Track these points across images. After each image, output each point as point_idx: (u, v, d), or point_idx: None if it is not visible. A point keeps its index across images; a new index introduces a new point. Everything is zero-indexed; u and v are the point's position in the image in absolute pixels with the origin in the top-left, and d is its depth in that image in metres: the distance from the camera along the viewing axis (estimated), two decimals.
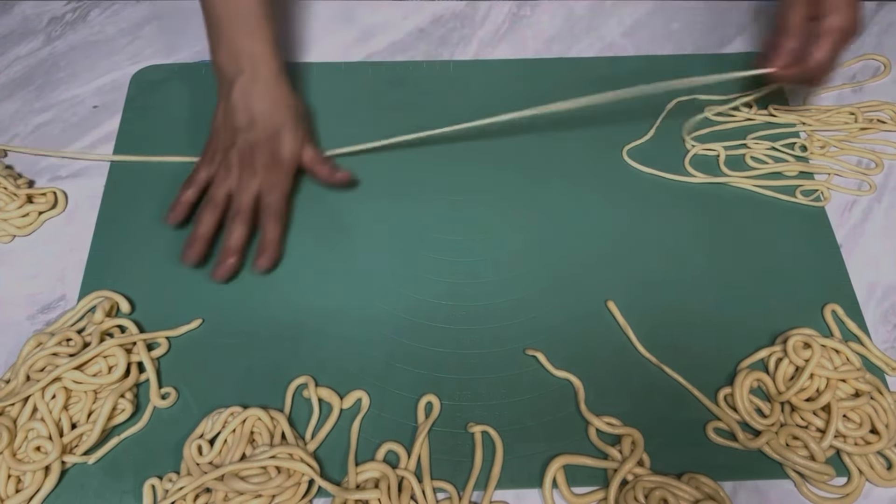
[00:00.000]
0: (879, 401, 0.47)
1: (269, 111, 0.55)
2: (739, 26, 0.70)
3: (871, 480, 0.46)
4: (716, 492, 0.45)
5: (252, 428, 0.47)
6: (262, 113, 0.54)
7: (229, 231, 0.53)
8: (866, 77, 0.66)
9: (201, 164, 0.56)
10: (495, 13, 0.71)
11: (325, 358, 0.51)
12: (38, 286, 0.54)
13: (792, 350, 0.49)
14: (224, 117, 0.55)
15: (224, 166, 0.54)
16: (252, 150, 0.54)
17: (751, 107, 0.63)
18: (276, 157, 0.55)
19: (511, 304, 0.53)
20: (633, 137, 0.61)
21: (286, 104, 0.56)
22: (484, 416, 0.49)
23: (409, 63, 0.67)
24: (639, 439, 0.47)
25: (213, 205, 0.53)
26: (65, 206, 0.58)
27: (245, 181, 0.54)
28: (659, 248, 0.56)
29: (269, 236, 0.53)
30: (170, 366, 0.50)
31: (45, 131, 0.62)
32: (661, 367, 0.50)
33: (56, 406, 0.46)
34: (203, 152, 0.56)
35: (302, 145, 0.56)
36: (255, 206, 0.54)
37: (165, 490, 0.45)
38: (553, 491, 0.46)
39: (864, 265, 0.55)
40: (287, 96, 0.56)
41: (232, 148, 0.54)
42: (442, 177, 0.59)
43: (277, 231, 0.54)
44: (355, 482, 0.45)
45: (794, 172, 0.60)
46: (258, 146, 0.54)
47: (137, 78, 0.65)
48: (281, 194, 0.55)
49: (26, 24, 0.70)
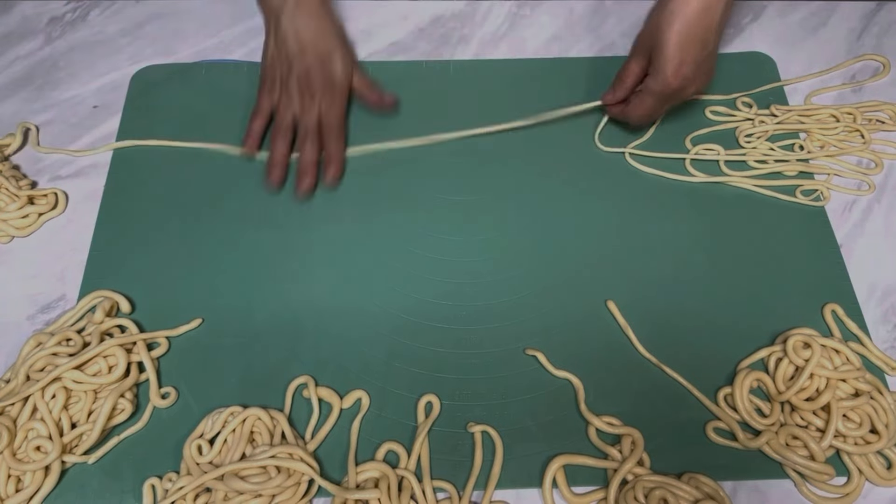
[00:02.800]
0: (879, 401, 0.47)
1: (318, 36, 0.58)
2: (739, 26, 0.70)
3: (871, 480, 0.46)
4: (716, 491, 0.45)
5: (252, 428, 0.47)
6: (312, 39, 0.58)
7: (302, 151, 0.57)
8: (866, 77, 0.66)
9: (262, 95, 0.60)
10: (495, 13, 0.71)
11: (325, 358, 0.51)
12: (38, 286, 0.54)
13: (792, 350, 0.49)
14: (276, 47, 0.59)
15: (285, 94, 0.58)
16: (308, 75, 0.58)
17: (751, 106, 0.63)
18: (331, 79, 0.59)
19: (511, 304, 0.53)
20: (633, 137, 0.61)
21: (332, 29, 0.59)
22: (484, 416, 0.49)
23: (409, 63, 0.67)
24: (639, 439, 0.47)
25: (284, 130, 0.58)
26: (65, 206, 0.58)
27: (307, 105, 0.58)
28: (659, 248, 0.56)
29: (333, 153, 0.58)
30: (170, 366, 0.51)
31: (45, 131, 0.62)
32: (661, 367, 0.50)
33: (56, 406, 0.46)
34: (261, 84, 0.60)
35: (352, 68, 0.61)
36: (319, 126, 0.58)
37: (165, 490, 0.45)
38: (553, 491, 0.46)
39: (864, 265, 0.55)
40: (332, 21, 0.60)
41: (289, 76, 0.58)
42: (442, 177, 0.59)
43: (341, 146, 0.59)
44: (355, 482, 0.45)
45: (794, 172, 0.60)
46: (313, 70, 0.58)
47: (137, 78, 0.65)
48: (339, 113, 0.59)
49: (26, 24, 0.70)
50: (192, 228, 0.57)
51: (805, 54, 0.67)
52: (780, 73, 0.66)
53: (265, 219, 0.57)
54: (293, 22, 0.57)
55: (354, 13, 0.71)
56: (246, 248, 0.56)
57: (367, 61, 0.67)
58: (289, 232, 0.57)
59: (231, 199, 0.58)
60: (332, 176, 0.58)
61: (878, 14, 0.70)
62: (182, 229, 0.57)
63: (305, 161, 0.57)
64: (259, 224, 0.57)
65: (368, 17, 0.70)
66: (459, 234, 0.57)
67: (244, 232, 0.56)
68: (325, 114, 0.58)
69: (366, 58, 0.67)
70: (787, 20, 0.70)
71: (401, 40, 0.69)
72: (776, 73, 0.66)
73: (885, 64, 0.66)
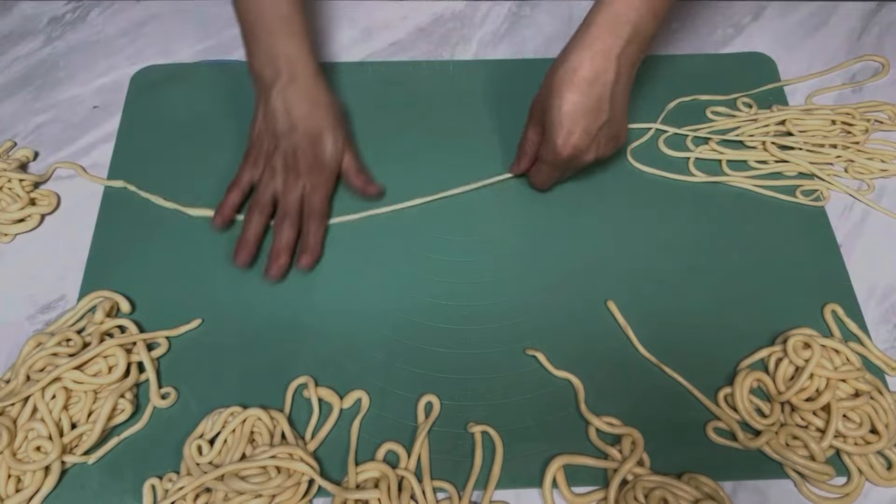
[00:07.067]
0: (879, 401, 0.47)
1: (309, 114, 0.55)
2: (739, 26, 0.70)
3: (871, 480, 0.46)
4: (715, 491, 0.45)
5: (252, 428, 0.47)
6: (303, 116, 0.55)
7: (279, 232, 0.54)
8: (866, 77, 0.66)
9: (244, 168, 0.56)
10: (495, 13, 0.71)
11: (325, 358, 0.51)
12: (38, 286, 0.54)
13: (792, 350, 0.49)
14: (265, 122, 0.56)
15: (269, 170, 0.55)
16: (295, 154, 0.55)
17: (751, 106, 0.63)
18: (318, 159, 0.56)
19: (511, 304, 0.53)
20: (633, 137, 0.61)
21: (325, 105, 0.56)
22: (484, 416, 0.49)
23: (409, 63, 0.67)
24: (639, 439, 0.47)
25: (261, 207, 0.55)
26: (63, 206, 0.58)
27: (290, 184, 0.55)
28: (659, 248, 0.56)
29: (312, 237, 0.55)
30: (170, 366, 0.50)
31: (45, 131, 0.62)
32: (661, 367, 0.50)
33: (56, 406, 0.46)
34: (245, 157, 0.57)
35: (343, 148, 0.57)
36: (300, 207, 0.55)
37: (165, 490, 0.45)
38: (553, 491, 0.46)
39: (864, 265, 0.55)
40: (325, 97, 0.57)
41: (275, 152, 0.55)
42: (442, 176, 0.59)
43: (320, 232, 0.55)
44: (355, 482, 0.45)
45: (794, 172, 0.60)
46: (301, 150, 0.55)
47: (137, 78, 0.65)
48: (324, 196, 0.56)
49: (26, 24, 0.70)
50: (193, 228, 0.57)
51: (805, 54, 0.67)
52: (781, 73, 0.66)
53: None
54: (284, 97, 0.55)
55: (354, 13, 0.71)
56: None
57: (367, 61, 0.67)
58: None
59: None
60: (306, 263, 0.54)
61: (878, 14, 0.70)
62: (182, 229, 0.57)
63: (280, 243, 0.53)
64: None
65: (368, 17, 0.70)
66: (459, 234, 0.57)
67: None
68: (309, 195, 0.55)
69: (366, 58, 0.67)
70: (787, 20, 0.70)
71: (401, 40, 0.69)
72: (776, 73, 0.66)
73: (884, 64, 0.66)
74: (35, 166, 0.60)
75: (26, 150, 0.60)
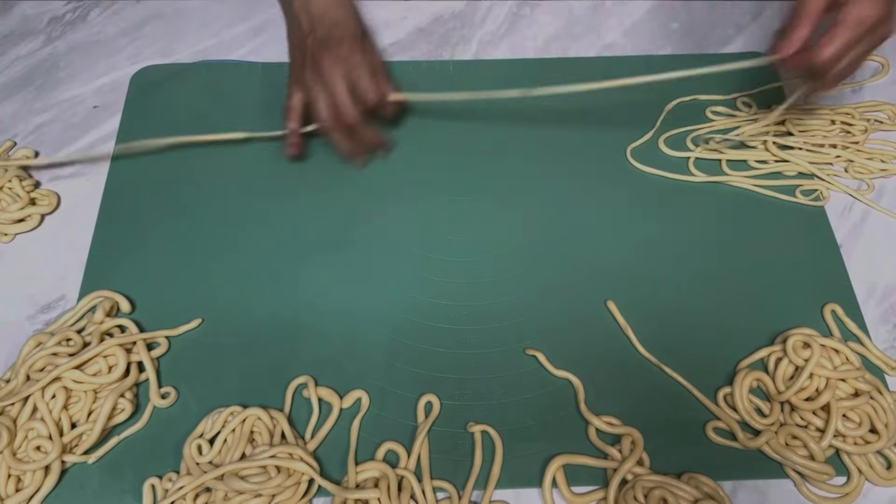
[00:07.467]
0: (879, 400, 0.47)
1: (327, 8, 0.55)
2: (739, 26, 0.70)
3: (871, 480, 0.46)
4: (715, 491, 0.45)
5: (252, 427, 0.47)
6: (321, 13, 0.55)
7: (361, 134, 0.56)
8: (865, 77, 0.66)
9: (292, 90, 0.56)
10: (495, 13, 0.71)
11: (325, 358, 0.51)
12: (38, 286, 0.54)
13: (791, 350, 0.49)
14: (291, 32, 0.57)
15: (315, 83, 0.55)
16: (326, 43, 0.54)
17: (751, 106, 0.63)
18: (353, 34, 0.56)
19: (511, 304, 0.53)
20: (634, 137, 0.61)
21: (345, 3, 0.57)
22: (484, 415, 0.49)
23: (409, 63, 0.67)
24: (638, 439, 0.47)
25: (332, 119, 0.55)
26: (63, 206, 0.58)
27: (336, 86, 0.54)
28: (659, 247, 0.56)
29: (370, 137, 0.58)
30: (170, 365, 0.51)
31: (45, 131, 0.62)
32: (661, 367, 0.50)
33: (56, 406, 0.46)
34: (289, 77, 0.57)
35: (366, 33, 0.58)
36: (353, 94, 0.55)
37: (165, 489, 0.45)
38: (553, 490, 0.46)
39: (863, 265, 0.55)
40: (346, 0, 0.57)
41: (309, 59, 0.55)
42: (442, 176, 0.59)
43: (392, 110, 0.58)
44: (355, 481, 0.45)
45: (794, 172, 0.60)
46: (329, 42, 0.54)
47: (137, 78, 0.65)
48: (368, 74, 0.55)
49: (26, 24, 0.70)
50: (192, 228, 0.57)
51: None
52: (780, 72, 0.66)
53: (266, 219, 0.57)
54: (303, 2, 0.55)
55: None
56: (246, 248, 0.56)
57: None
58: (289, 232, 0.57)
59: (231, 199, 0.58)
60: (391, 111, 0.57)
61: None
62: (182, 229, 0.57)
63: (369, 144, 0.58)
64: (259, 224, 0.57)
65: (368, 17, 0.70)
66: (459, 234, 0.57)
67: (244, 232, 0.56)
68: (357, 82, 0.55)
69: None
70: None
71: (401, 40, 0.69)
72: (776, 73, 0.66)
73: (884, 64, 0.66)
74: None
75: (26, 149, 0.60)
